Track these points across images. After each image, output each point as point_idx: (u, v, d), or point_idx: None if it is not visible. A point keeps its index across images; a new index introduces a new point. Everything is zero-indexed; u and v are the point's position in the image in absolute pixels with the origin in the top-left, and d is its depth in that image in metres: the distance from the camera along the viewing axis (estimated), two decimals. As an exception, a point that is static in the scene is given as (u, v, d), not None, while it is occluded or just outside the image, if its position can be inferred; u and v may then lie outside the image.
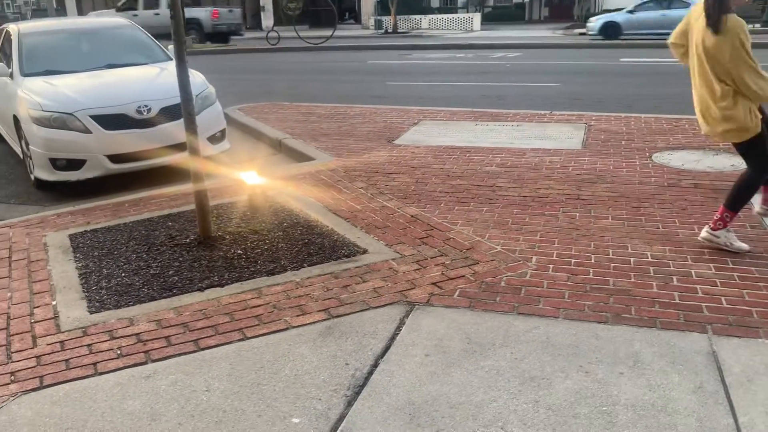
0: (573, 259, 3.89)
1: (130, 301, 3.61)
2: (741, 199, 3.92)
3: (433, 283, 3.65)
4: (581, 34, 23.31)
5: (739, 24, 3.55)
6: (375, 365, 2.90)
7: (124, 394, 2.77)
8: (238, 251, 4.21)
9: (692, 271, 3.68)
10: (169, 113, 6.11)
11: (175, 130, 5.91)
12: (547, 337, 3.06)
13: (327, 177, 5.81)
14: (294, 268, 3.93)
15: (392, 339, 3.10)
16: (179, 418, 2.60)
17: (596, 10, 34.38)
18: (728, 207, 3.92)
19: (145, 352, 3.08)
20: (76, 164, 5.89)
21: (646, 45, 19.78)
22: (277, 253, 4.15)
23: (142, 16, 21.66)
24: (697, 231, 4.20)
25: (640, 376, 2.74)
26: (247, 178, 5.15)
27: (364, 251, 4.13)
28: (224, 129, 6.85)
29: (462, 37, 27.01)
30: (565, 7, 44.04)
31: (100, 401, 2.73)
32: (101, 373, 2.93)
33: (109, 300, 3.64)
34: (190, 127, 4.25)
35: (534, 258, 3.93)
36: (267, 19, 30.85)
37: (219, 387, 2.79)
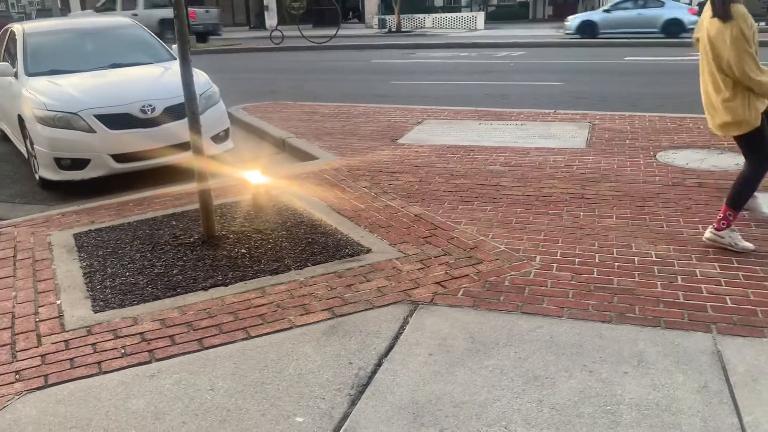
0: (577, 259, 3.89)
1: (134, 300, 3.62)
2: (742, 197, 3.91)
3: (437, 283, 3.65)
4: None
5: (741, 13, 3.55)
6: (379, 364, 2.90)
7: (128, 393, 2.78)
8: (242, 250, 4.22)
9: (697, 271, 3.67)
10: (173, 113, 6.12)
11: (179, 129, 5.92)
12: (551, 336, 3.06)
13: (330, 176, 5.81)
14: (298, 268, 3.93)
15: (396, 338, 3.11)
16: (183, 417, 2.60)
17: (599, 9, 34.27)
18: (730, 206, 3.91)
19: (150, 351, 3.09)
20: (80, 164, 5.91)
21: (647, 44, 19.71)
22: (281, 253, 4.16)
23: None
24: (701, 230, 4.19)
25: (645, 375, 2.74)
26: (250, 178, 5.16)
27: (368, 250, 4.13)
28: (228, 128, 6.86)
29: (466, 35, 26.97)
30: (569, 6, 43.86)
31: (105, 400, 2.73)
32: (105, 372, 2.94)
33: (114, 299, 3.65)
34: (194, 127, 4.26)
35: (538, 257, 3.93)
36: (270, 19, 30.83)
37: (223, 386, 2.80)
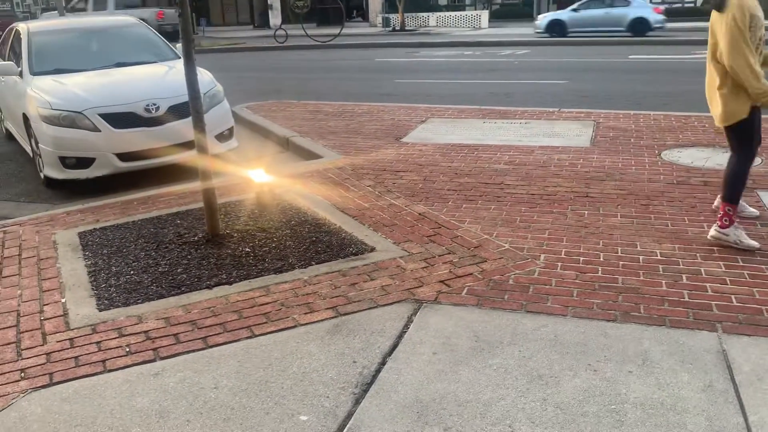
0: (581, 257, 3.88)
1: (138, 299, 3.63)
2: (735, 189, 3.93)
3: (441, 281, 3.64)
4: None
5: (738, 3, 3.54)
6: (383, 363, 2.90)
7: (132, 391, 2.78)
8: (246, 249, 4.22)
9: (702, 269, 3.66)
10: (178, 111, 6.13)
11: (184, 128, 5.93)
12: (556, 335, 3.05)
13: (335, 175, 5.81)
14: (302, 266, 3.93)
15: (400, 337, 3.10)
16: (187, 415, 2.61)
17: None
18: (726, 200, 3.93)
19: (154, 350, 3.09)
20: (85, 162, 5.92)
21: (649, 42, 19.65)
22: (285, 251, 4.16)
23: None
24: (706, 228, 4.18)
25: (649, 374, 2.73)
26: (254, 176, 5.16)
27: (372, 249, 4.13)
28: (232, 127, 6.87)
29: (470, 34, 26.92)
30: (572, 4, 43.80)
31: (110, 398, 2.74)
32: (110, 371, 2.94)
33: (118, 297, 3.66)
34: (198, 126, 4.26)
35: (542, 256, 3.92)
36: (275, 18, 30.88)
37: (227, 384, 2.80)
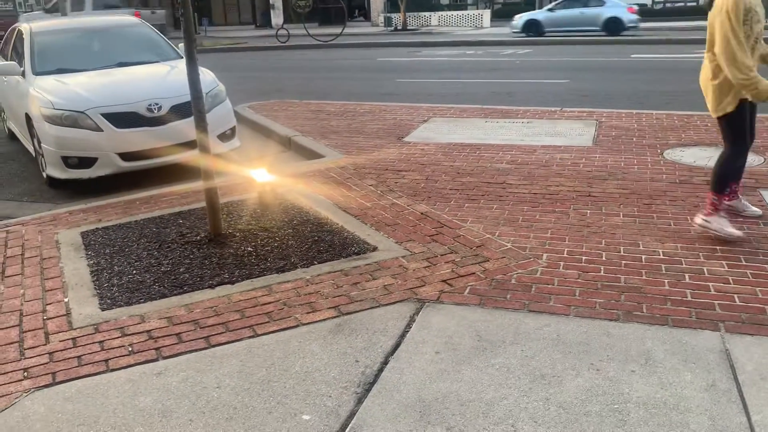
0: (584, 257, 3.88)
1: (141, 298, 3.63)
2: (723, 180, 3.95)
3: (443, 281, 3.64)
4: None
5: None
6: (385, 362, 2.90)
7: (135, 390, 2.79)
8: (249, 249, 4.22)
9: (704, 269, 3.65)
10: (180, 111, 6.14)
11: (186, 128, 5.94)
12: (558, 334, 3.05)
13: (337, 174, 5.81)
14: (304, 266, 3.93)
15: (402, 336, 3.10)
16: (190, 415, 2.61)
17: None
18: (714, 190, 3.95)
19: (156, 349, 3.10)
20: (87, 162, 5.93)
21: (650, 41, 19.62)
22: (288, 251, 4.16)
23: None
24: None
25: (652, 374, 2.73)
26: (257, 176, 5.16)
27: (374, 249, 4.13)
28: (234, 127, 6.87)
29: (472, 33, 26.91)
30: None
31: (112, 397, 2.75)
32: (113, 370, 2.95)
33: (121, 297, 3.66)
34: (201, 125, 4.26)
35: (544, 255, 3.92)
36: (276, 17, 30.86)
37: (229, 384, 2.80)
